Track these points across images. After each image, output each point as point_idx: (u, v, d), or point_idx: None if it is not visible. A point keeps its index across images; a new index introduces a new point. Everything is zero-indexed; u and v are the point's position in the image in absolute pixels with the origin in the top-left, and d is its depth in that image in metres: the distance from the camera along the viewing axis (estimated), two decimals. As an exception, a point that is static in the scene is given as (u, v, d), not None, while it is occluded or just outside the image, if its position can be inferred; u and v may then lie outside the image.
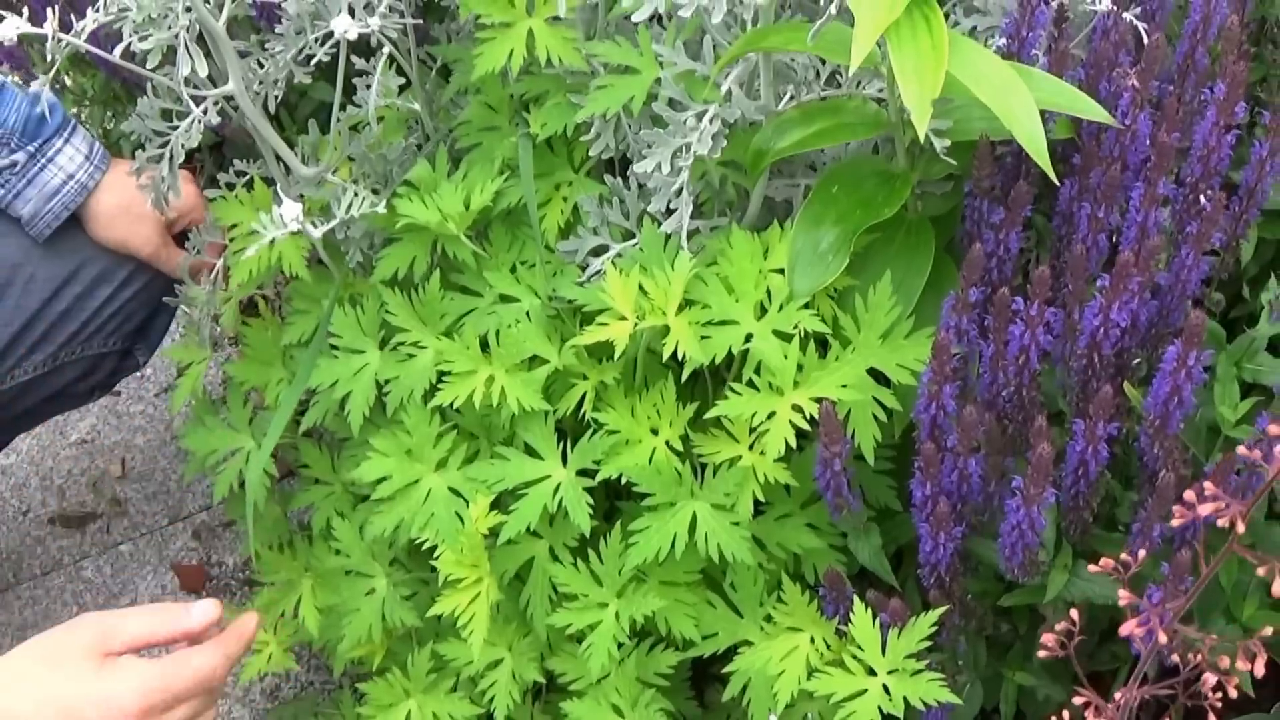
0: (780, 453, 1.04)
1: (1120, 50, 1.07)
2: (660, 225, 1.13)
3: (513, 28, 1.18)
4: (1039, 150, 0.93)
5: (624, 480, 1.09)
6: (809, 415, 1.03)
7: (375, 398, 1.21)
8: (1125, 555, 0.82)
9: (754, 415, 1.05)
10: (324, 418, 1.28)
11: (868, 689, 0.99)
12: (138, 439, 1.87)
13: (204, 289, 1.34)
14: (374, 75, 1.18)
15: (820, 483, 1.04)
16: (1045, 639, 0.86)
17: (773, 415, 1.04)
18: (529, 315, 1.18)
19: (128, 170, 1.28)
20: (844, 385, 1.04)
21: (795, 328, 1.06)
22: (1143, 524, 0.96)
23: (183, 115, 1.17)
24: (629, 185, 1.18)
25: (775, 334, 1.07)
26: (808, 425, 1.04)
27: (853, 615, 1.01)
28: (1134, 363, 1.04)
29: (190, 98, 1.13)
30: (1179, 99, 1.09)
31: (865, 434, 1.06)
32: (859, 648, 1.00)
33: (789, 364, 1.05)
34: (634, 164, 1.13)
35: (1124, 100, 1.04)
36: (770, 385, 1.06)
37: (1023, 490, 0.94)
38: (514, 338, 1.15)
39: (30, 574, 1.75)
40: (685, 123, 1.09)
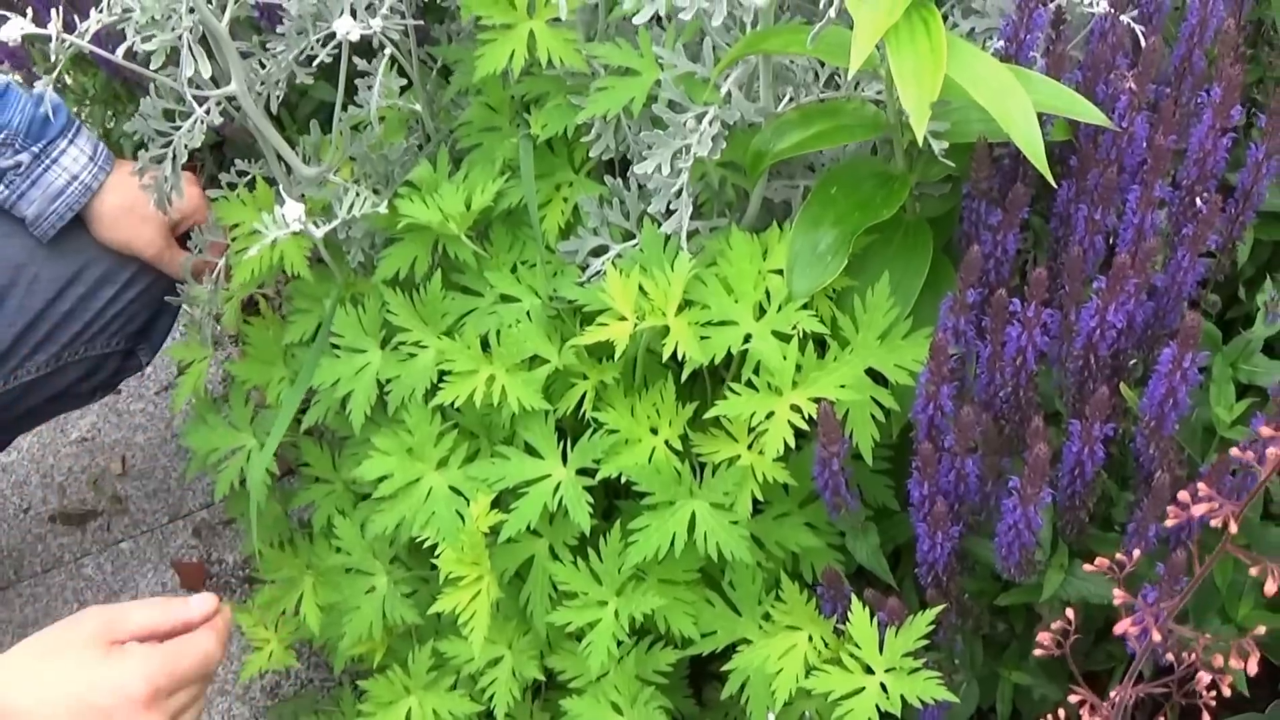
0: (779, 452, 1.04)
1: (1118, 53, 1.07)
2: (660, 226, 1.14)
3: (514, 29, 1.18)
4: (1036, 153, 0.93)
5: (624, 479, 1.10)
6: (807, 415, 1.04)
7: (376, 397, 1.22)
8: (1120, 555, 0.83)
9: (753, 415, 1.05)
10: (325, 416, 1.28)
11: (865, 687, 0.99)
12: (138, 437, 1.87)
13: (206, 288, 1.35)
14: (376, 76, 1.17)
15: (818, 482, 1.04)
16: (1041, 637, 0.87)
17: (771, 415, 1.05)
18: (529, 315, 1.18)
19: (131, 171, 1.28)
20: (842, 385, 1.05)
21: (794, 328, 1.07)
22: (1138, 524, 0.96)
23: (185, 115, 1.17)
24: (629, 186, 1.18)
25: (774, 334, 1.07)
26: (806, 425, 1.04)
27: (850, 614, 1.01)
28: (1130, 364, 1.04)
29: (193, 98, 1.13)
30: (1176, 102, 1.09)
31: (863, 434, 1.06)
32: (857, 646, 1.01)
33: (788, 364, 1.05)
34: (634, 165, 1.13)
35: (1121, 103, 1.04)
36: (769, 385, 1.06)
37: (1019, 490, 0.94)
38: (514, 337, 1.15)
39: (31, 571, 1.75)
40: (685, 124, 1.09)
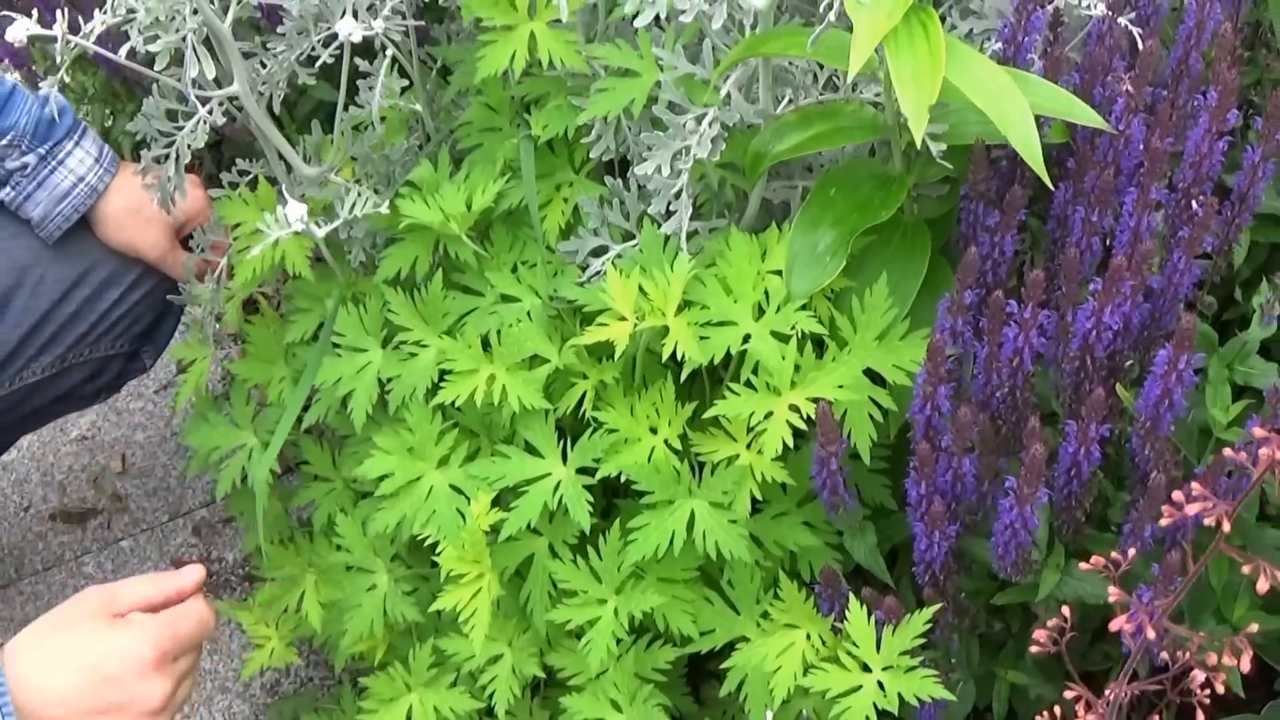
0: (777, 452, 1.04)
1: (1115, 55, 1.07)
2: (660, 227, 1.14)
3: (514, 30, 1.18)
4: (1034, 156, 0.93)
5: (623, 478, 1.10)
6: (806, 415, 1.04)
7: (378, 396, 1.22)
8: (1115, 554, 0.83)
9: (751, 415, 1.05)
10: (326, 415, 1.28)
11: (862, 685, 1.00)
12: (138, 435, 1.88)
13: (208, 287, 1.35)
14: (377, 77, 1.18)
15: (816, 481, 1.05)
16: (1037, 635, 0.87)
17: (770, 415, 1.05)
18: (530, 315, 1.18)
19: (134, 172, 1.28)
20: (840, 385, 1.05)
21: (792, 329, 1.07)
22: (1134, 524, 0.97)
23: (188, 115, 1.17)
24: (629, 187, 1.19)
25: (773, 335, 1.08)
26: (804, 425, 1.04)
27: (848, 612, 1.02)
28: (1127, 364, 1.05)
29: (196, 98, 1.14)
30: (1172, 104, 1.09)
31: (861, 434, 1.07)
32: (854, 644, 1.01)
33: (786, 364, 1.06)
34: (634, 166, 1.14)
35: (1118, 105, 1.05)
36: (768, 385, 1.06)
37: (1016, 490, 0.95)
38: (515, 337, 1.16)
39: (32, 569, 1.75)
40: (685, 126, 1.09)
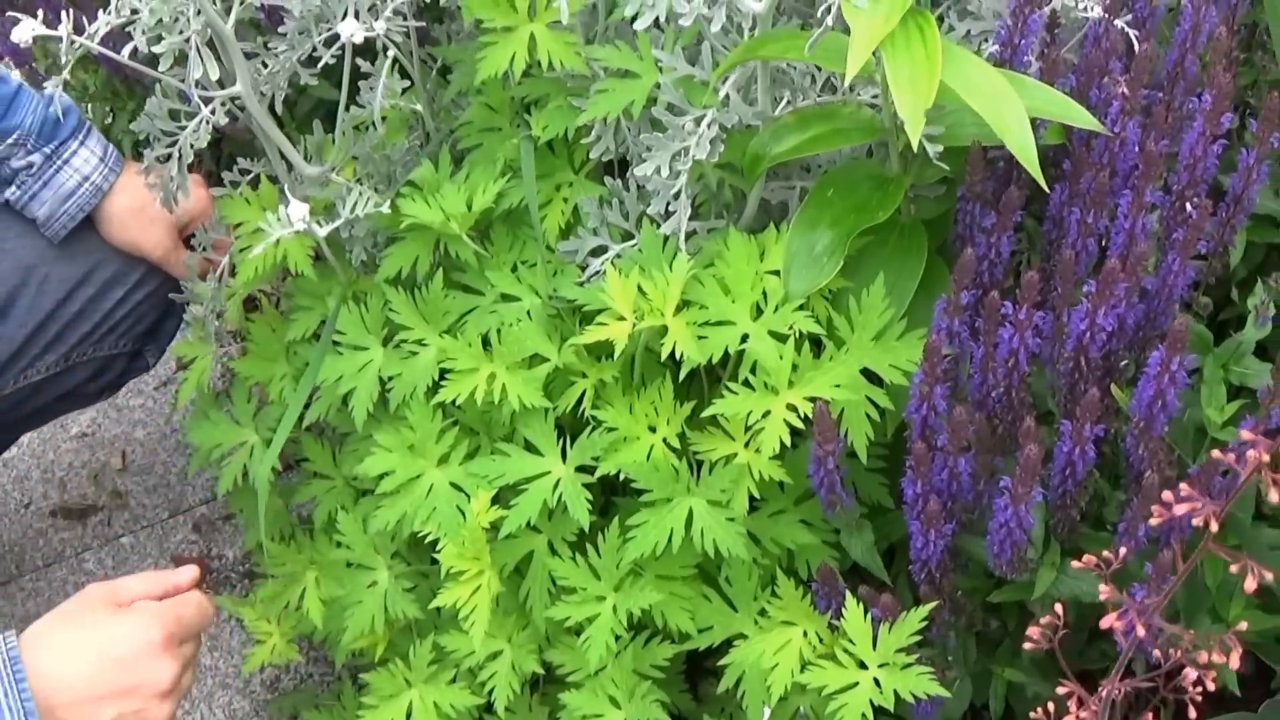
0: (775, 450, 1.05)
1: (1111, 57, 1.08)
2: (659, 227, 1.15)
3: (514, 32, 1.18)
4: (1029, 158, 0.94)
5: (622, 476, 1.11)
6: (803, 414, 1.05)
7: (378, 394, 1.22)
8: (1107, 553, 0.84)
9: (749, 414, 1.06)
10: (327, 413, 1.29)
11: (859, 682, 1.01)
12: (138, 432, 1.88)
13: (210, 285, 1.35)
14: (378, 77, 1.18)
15: (814, 480, 1.05)
16: (1031, 631, 0.87)
17: (768, 414, 1.06)
18: (530, 314, 1.19)
19: (138, 171, 1.28)
20: (838, 385, 1.06)
21: (790, 328, 1.07)
22: (1128, 523, 0.97)
23: (190, 115, 1.17)
24: (628, 187, 1.19)
25: (771, 334, 1.08)
26: (802, 424, 1.05)
27: (845, 610, 1.02)
28: (1122, 365, 1.05)
29: (198, 98, 1.14)
30: (1168, 107, 1.10)
31: (858, 433, 1.07)
32: (851, 642, 1.02)
33: (784, 364, 1.06)
34: (633, 167, 1.14)
35: (1114, 108, 1.05)
36: (765, 385, 1.07)
37: (1011, 489, 0.95)
38: (515, 336, 1.16)
39: (32, 566, 1.75)
40: (684, 127, 1.10)
